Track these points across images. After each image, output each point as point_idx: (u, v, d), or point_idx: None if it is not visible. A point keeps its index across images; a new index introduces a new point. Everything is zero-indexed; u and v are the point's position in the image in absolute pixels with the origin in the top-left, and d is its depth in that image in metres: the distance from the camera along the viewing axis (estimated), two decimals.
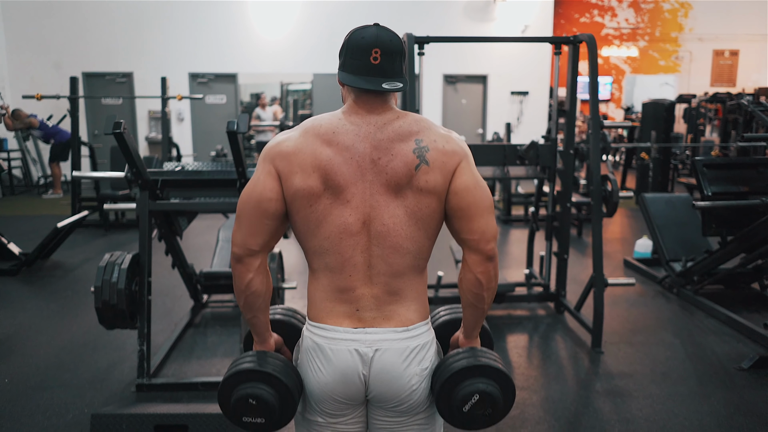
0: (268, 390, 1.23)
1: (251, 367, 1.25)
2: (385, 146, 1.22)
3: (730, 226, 3.72)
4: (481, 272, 1.25)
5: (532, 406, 2.76)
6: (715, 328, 3.69)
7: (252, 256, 1.25)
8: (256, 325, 1.32)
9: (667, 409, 2.72)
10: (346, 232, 1.22)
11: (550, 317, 3.94)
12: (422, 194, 1.22)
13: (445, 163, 1.23)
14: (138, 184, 2.90)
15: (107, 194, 6.51)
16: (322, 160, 1.21)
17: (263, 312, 1.30)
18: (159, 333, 3.57)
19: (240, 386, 1.25)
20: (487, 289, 1.27)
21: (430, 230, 1.27)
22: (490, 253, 1.25)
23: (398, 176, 1.21)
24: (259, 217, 1.24)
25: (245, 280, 1.25)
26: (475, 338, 1.36)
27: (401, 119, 1.25)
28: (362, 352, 1.23)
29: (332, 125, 1.24)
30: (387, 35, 1.23)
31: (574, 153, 3.78)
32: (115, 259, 2.79)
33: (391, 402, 1.27)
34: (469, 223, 1.24)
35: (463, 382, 1.24)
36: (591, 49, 3.33)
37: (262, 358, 1.28)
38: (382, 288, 1.25)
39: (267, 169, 1.24)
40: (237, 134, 2.70)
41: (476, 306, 1.29)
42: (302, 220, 1.24)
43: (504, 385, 1.25)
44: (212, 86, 10.49)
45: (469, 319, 1.32)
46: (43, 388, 2.90)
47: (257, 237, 1.24)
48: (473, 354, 1.28)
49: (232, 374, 1.26)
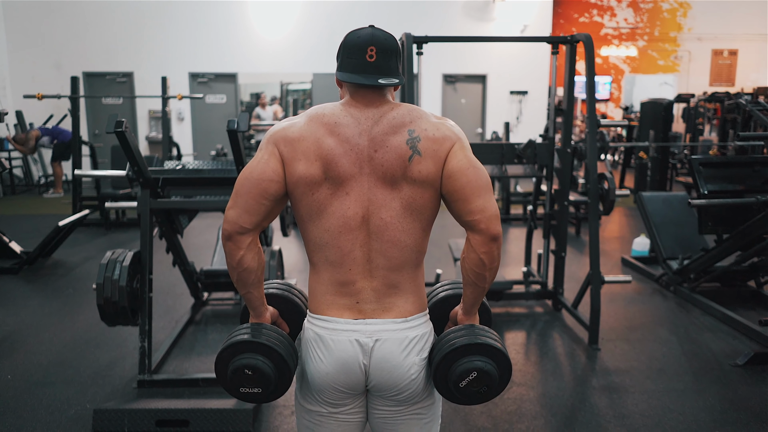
0: (264, 360, 1.26)
1: (246, 339, 1.27)
2: (380, 139, 1.24)
3: (726, 224, 3.75)
4: (484, 252, 1.25)
5: (529, 402, 2.79)
6: (711, 326, 3.72)
7: (243, 234, 1.26)
8: (251, 300, 1.34)
9: (663, 405, 2.76)
10: (345, 226, 1.25)
11: (548, 314, 3.97)
12: (416, 185, 1.24)
13: (436, 150, 1.25)
14: (139, 182, 2.93)
15: (108, 193, 6.54)
16: (325, 150, 1.23)
17: (256, 287, 1.32)
18: (160, 330, 3.60)
19: (236, 357, 1.27)
20: (490, 269, 1.28)
21: (425, 221, 1.29)
22: (493, 233, 1.24)
23: (393, 169, 1.24)
24: (256, 196, 1.25)
25: (236, 257, 1.27)
26: (474, 315, 1.37)
27: (395, 110, 1.28)
28: (362, 342, 1.27)
29: (335, 115, 1.26)
30: (382, 34, 1.26)
31: (573, 152, 3.81)
32: (116, 257, 2.82)
33: (390, 391, 1.30)
34: (467, 204, 1.25)
35: (461, 359, 1.26)
36: (588, 49, 3.36)
37: (257, 329, 1.31)
38: (381, 281, 1.28)
39: (270, 151, 1.26)
40: (237, 133, 2.73)
41: (477, 285, 1.30)
42: (305, 207, 1.27)
43: (501, 363, 1.27)
44: (212, 86, 10.53)
45: (469, 297, 1.34)
46: (46, 384, 2.93)
47: (252, 216, 1.25)
48: (472, 332, 1.30)
49: (228, 346, 1.28)
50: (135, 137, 2.84)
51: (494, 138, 8.25)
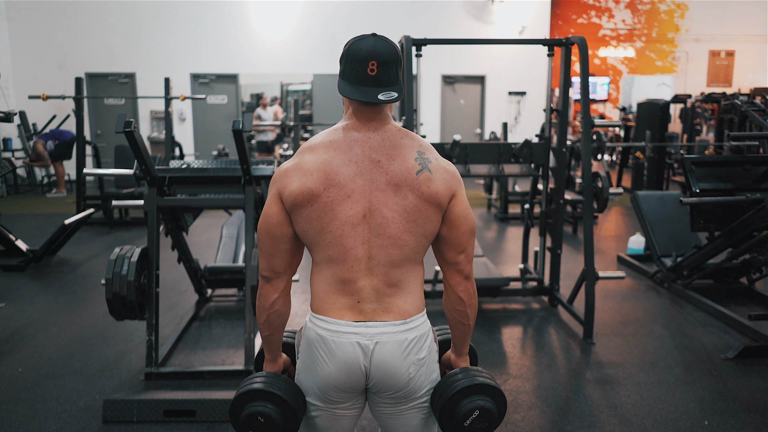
0: (276, 410, 1.36)
1: (263, 388, 1.37)
2: (385, 151, 1.31)
3: (718, 222, 3.84)
4: (462, 291, 1.38)
5: (524, 393, 2.88)
6: (704, 321, 3.81)
7: (278, 277, 1.37)
8: (271, 343, 1.43)
9: (654, 396, 2.85)
10: (347, 223, 1.29)
11: (544, 310, 4.06)
12: (423, 200, 1.30)
13: (448, 180, 1.33)
14: (147, 180, 3.02)
15: (111, 192, 6.63)
16: (320, 163, 1.30)
17: (280, 331, 1.43)
18: (165, 325, 3.69)
19: (251, 403, 1.37)
20: (470, 306, 1.40)
21: (427, 232, 1.34)
22: (468, 273, 1.39)
23: (398, 177, 1.30)
24: (273, 243, 1.35)
25: (270, 299, 1.37)
26: (465, 356, 1.49)
27: (402, 133, 1.36)
28: (363, 345, 1.32)
29: (328, 137, 1.34)
30: (383, 46, 1.29)
31: (570, 152, 3.90)
32: (125, 253, 2.90)
33: (390, 390, 1.37)
34: (458, 249, 1.37)
35: (463, 401, 1.37)
36: (582, 52, 3.45)
37: (273, 379, 1.40)
38: (382, 279, 1.33)
39: (272, 194, 1.34)
40: (242, 133, 2.82)
41: (462, 323, 1.42)
42: (305, 219, 1.31)
43: (498, 400, 1.40)
44: (213, 86, 10.61)
45: (458, 337, 1.45)
46: (56, 377, 3.02)
47: (278, 259, 1.36)
48: (468, 374, 1.41)
49: (244, 392, 1.38)
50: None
51: (492, 138, 8.34)
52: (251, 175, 3.09)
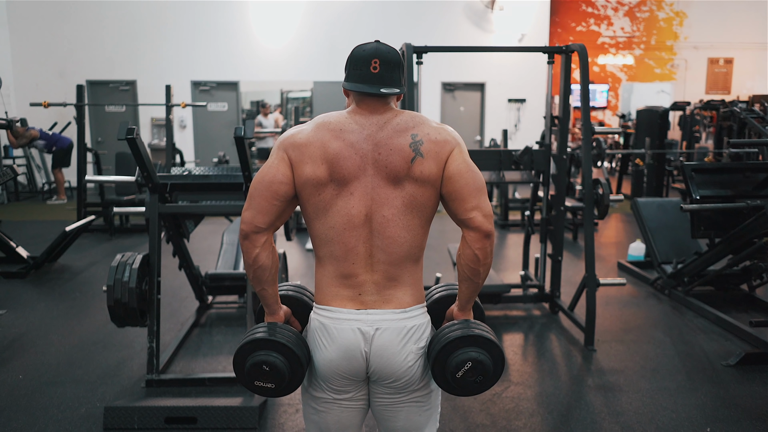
0: (280, 358, 1.36)
1: (265, 337, 1.37)
2: (384, 143, 1.35)
3: (718, 229, 3.84)
4: (478, 248, 1.37)
5: (526, 400, 2.88)
6: (705, 327, 3.81)
7: (258, 233, 1.36)
8: (266, 297, 1.44)
9: (656, 403, 2.84)
10: (350, 223, 1.35)
11: (545, 317, 4.06)
12: (418, 184, 1.35)
13: (438, 152, 1.36)
14: (149, 187, 3.02)
15: (112, 199, 6.64)
16: (330, 153, 1.34)
17: (271, 285, 1.42)
18: (166, 332, 3.69)
19: (254, 353, 1.37)
20: (483, 264, 1.39)
21: (425, 217, 1.40)
22: (486, 230, 1.37)
23: (396, 169, 1.34)
24: (268, 198, 1.36)
25: (252, 255, 1.37)
26: (468, 311, 1.48)
27: (398, 116, 1.39)
28: (364, 331, 1.37)
29: (340, 122, 1.38)
30: (386, 49, 1.38)
31: (570, 159, 3.91)
32: (126, 260, 2.91)
33: (389, 378, 1.40)
34: (464, 203, 1.37)
35: (456, 351, 1.36)
36: (582, 59, 3.47)
37: (274, 328, 1.41)
38: (382, 275, 1.38)
39: (281, 156, 1.37)
40: (244, 139, 2.83)
41: (472, 280, 1.41)
42: (312, 206, 1.37)
43: (494, 354, 1.37)
44: (214, 94, 10.65)
45: (464, 292, 1.45)
46: (56, 384, 3.01)
47: (265, 216, 1.36)
48: (467, 325, 1.40)
49: (247, 342, 1.38)
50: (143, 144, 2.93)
51: (492, 145, 8.36)
52: None
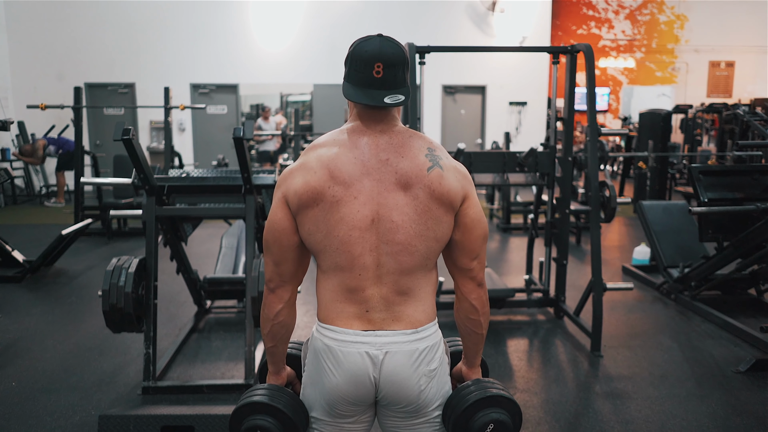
0: (276, 424, 1.30)
1: (263, 401, 1.31)
2: (394, 149, 1.26)
3: (726, 232, 3.78)
4: (475, 298, 1.34)
5: (532, 408, 2.80)
6: (713, 333, 3.73)
7: (283, 286, 1.32)
8: (275, 355, 1.37)
9: (666, 410, 2.77)
10: (355, 229, 1.23)
11: (550, 322, 3.99)
12: (434, 199, 1.24)
13: (459, 180, 1.28)
14: (145, 189, 2.96)
15: (110, 203, 6.57)
16: (325, 160, 1.25)
17: (284, 343, 1.37)
18: (163, 338, 3.61)
19: (250, 417, 1.32)
20: (483, 314, 1.35)
21: (439, 235, 1.28)
22: (481, 280, 1.35)
23: (408, 175, 1.24)
24: (280, 250, 1.30)
25: (275, 310, 1.32)
26: (477, 367, 1.43)
27: (411, 133, 1.31)
28: (372, 355, 1.26)
29: (332, 136, 1.30)
30: (390, 48, 1.24)
31: (573, 161, 3.84)
32: (122, 264, 2.84)
33: (400, 403, 1.30)
34: (471, 255, 1.32)
35: (477, 414, 1.31)
36: (588, 59, 3.41)
37: (275, 392, 1.34)
38: (391, 287, 1.27)
39: (277, 198, 1.29)
40: (243, 140, 2.76)
41: (475, 332, 1.36)
42: (311, 220, 1.25)
43: (513, 411, 1.34)
44: (213, 97, 10.59)
45: (470, 348, 1.40)
46: (50, 391, 2.93)
47: (283, 266, 1.31)
48: (481, 386, 1.35)
49: (245, 404, 1.32)
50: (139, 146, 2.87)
51: (494, 148, 8.31)
52: (252, 184, 3.03)
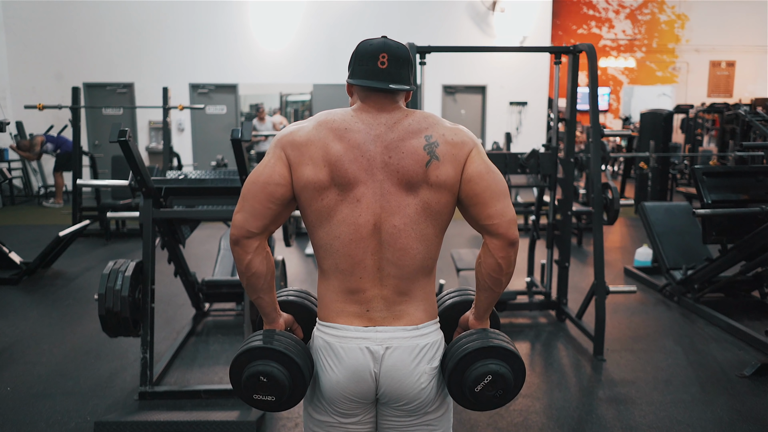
0: (279, 368, 1.24)
1: (261, 345, 1.25)
2: (395, 145, 1.24)
3: (730, 234, 3.74)
4: (502, 257, 1.25)
5: (535, 413, 2.76)
6: (717, 336, 3.69)
7: (250, 238, 1.25)
8: (262, 306, 1.32)
9: (670, 416, 2.73)
10: (357, 234, 1.23)
11: (552, 325, 3.95)
12: (434, 189, 1.24)
13: (455, 154, 1.25)
14: (142, 191, 2.91)
15: (108, 204, 6.52)
16: (332, 155, 1.22)
17: (267, 292, 1.30)
18: (161, 341, 3.57)
19: (251, 363, 1.25)
20: (506, 274, 1.28)
21: (441, 225, 1.28)
22: (512, 237, 1.25)
23: (410, 174, 1.23)
24: (263, 200, 1.24)
25: (245, 261, 1.25)
26: (486, 320, 1.36)
27: (410, 117, 1.28)
28: (373, 350, 1.25)
29: (345, 121, 1.26)
30: (394, 44, 1.27)
31: (574, 162, 3.80)
32: (118, 267, 2.79)
33: (400, 401, 1.29)
34: (486, 209, 1.25)
35: (475, 363, 1.25)
36: (591, 59, 3.36)
37: (272, 336, 1.28)
38: (392, 289, 1.27)
39: (278, 155, 1.25)
40: (241, 142, 2.72)
41: (493, 290, 1.30)
42: (314, 213, 1.25)
43: (515, 366, 1.26)
44: (212, 97, 10.55)
45: (483, 302, 1.33)
46: (46, 396, 2.89)
47: (258, 220, 1.24)
48: (485, 335, 1.29)
49: (242, 352, 1.26)
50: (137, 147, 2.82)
51: (495, 148, 8.27)
52: None
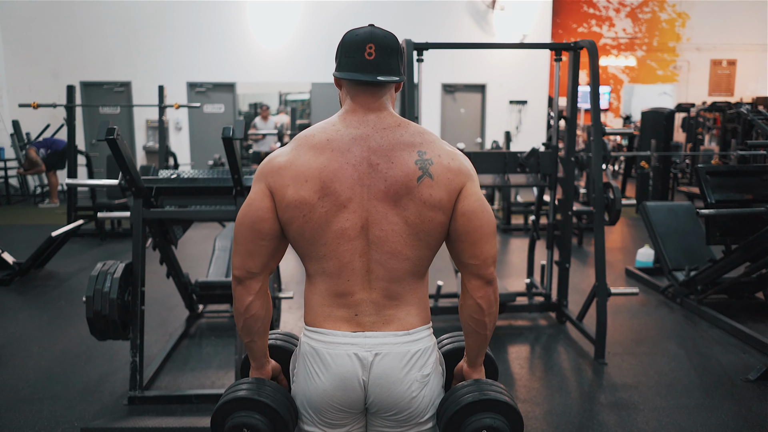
0: (263, 420, 1.20)
1: (247, 395, 1.21)
2: (384, 152, 1.18)
3: (734, 235, 3.67)
4: (481, 297, 1.23)
5: (534, 419, 2.69)
6: (720, 339, 3.62)
7: (252, 278, 1.23)
8: (254, 350, 1.29)
9: (674, 422, 2.66)
10: (344, 236, 1.19)
11: (552, 327, 3.87)
12: (425, 208, 1.18)
13: (451, 180, 1.19)
14: (132, 191, 2.84)
15: (103, 203, 6.44)
16: (316, 169, 1.17)
17: (261, 337, 1.27)
18: (153, 344, 3.50)
19: (235, 414, 1.21)
20: (489, 314, 1.24)
21: (432, 243, 1.23)
22: (489, 277, 1.23)
23: (397, 185, 1.17)
24: (254, 239, 1.21)
25: (245, 302, 1.23)
26: (479, 367, 1.32)
27: (403, 128, 1.22)
28: (362, 357, 1.20)
29: (326, 133, 1.21)
30: (382, 32, 1.22)
31: (575, 161, 3.73)
32: (107, 269, 2.74)
33: (390, 410, 1.23)
34: (473, 248, 1.21)
35: (470, 418, 1.19)
36: (592, 56, 3.29)
37: (259, 386, 1.24)
38: (381, 293, 1.22)
39: (259, 188, 1.22)
40: (233, 140, 2.65)
41: (478, 333, 1.26)
42: (296, 230, 1.21)
43: (512, 419, 1.21)
44: (210, 95, 10.48)
45: (472, 347, 1.29)
46: (33, 401, 2.82)
47: (255, 258, 1.22)
48: (479, 387, 1.23)
49: (227, 401, 1.22)
50: (132, 147, 2.75)
51: (494, 147, 8.19)
52: (243, 186, 2.92)
